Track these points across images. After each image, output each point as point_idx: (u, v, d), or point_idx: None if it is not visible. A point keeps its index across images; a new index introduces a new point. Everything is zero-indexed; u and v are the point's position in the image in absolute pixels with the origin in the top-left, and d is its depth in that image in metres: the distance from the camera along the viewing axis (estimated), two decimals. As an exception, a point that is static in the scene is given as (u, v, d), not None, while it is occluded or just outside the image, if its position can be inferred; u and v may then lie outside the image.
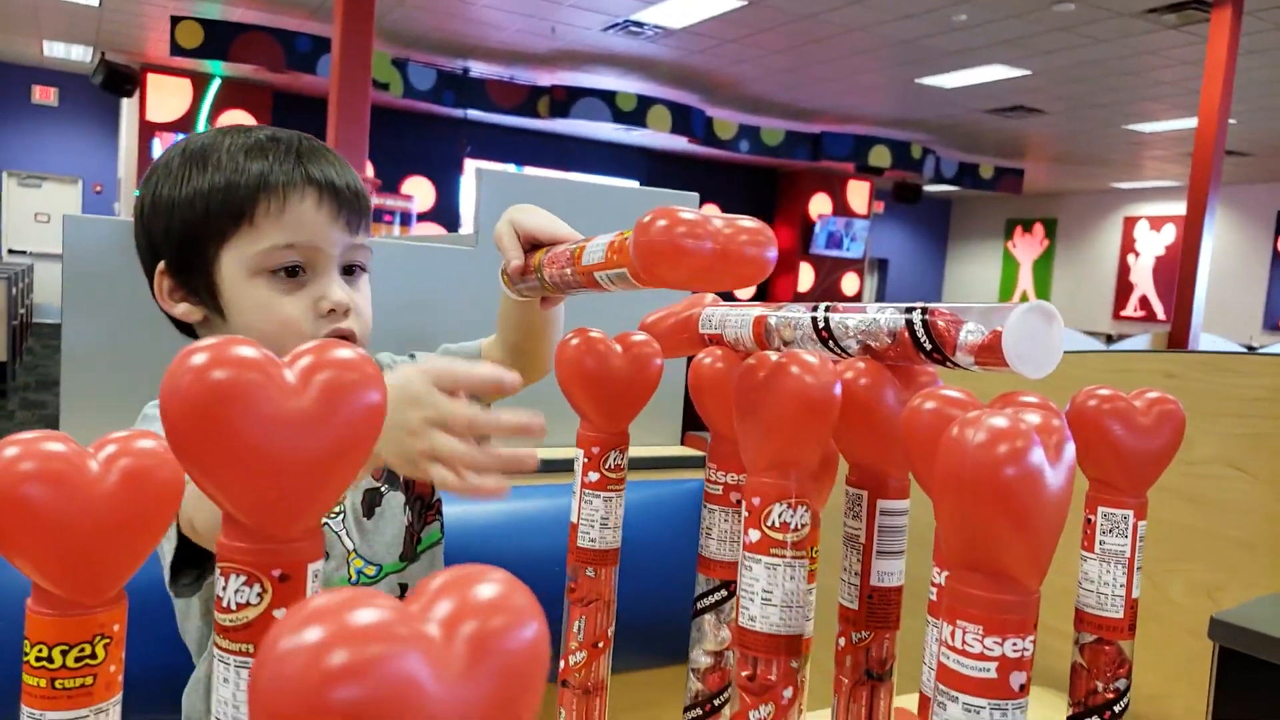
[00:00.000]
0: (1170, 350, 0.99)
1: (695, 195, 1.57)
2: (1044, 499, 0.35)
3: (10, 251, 10.44)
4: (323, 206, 0.78)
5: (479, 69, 8.96)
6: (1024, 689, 0.36)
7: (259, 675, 0.21)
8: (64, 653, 0.37)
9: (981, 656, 0.35)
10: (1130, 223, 12.54)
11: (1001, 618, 0.35)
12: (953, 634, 0.36)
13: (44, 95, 10.15)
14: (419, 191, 10.29)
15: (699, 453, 1.54)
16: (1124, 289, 12.58)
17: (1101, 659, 0.49)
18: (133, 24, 7.97)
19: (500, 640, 0.24)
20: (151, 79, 8.97)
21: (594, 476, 0.59)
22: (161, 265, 0.80)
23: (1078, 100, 8.33)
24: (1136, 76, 7.39)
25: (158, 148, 8.79)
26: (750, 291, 12.45)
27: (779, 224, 12.77)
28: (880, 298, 14.35)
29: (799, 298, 12.27)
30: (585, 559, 0.59)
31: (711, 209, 0.54)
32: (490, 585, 0.24)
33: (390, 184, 9.96)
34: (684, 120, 9.71)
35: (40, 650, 0.37)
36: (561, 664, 0.59)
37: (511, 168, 8.78)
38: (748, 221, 0.51)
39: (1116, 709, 0.48)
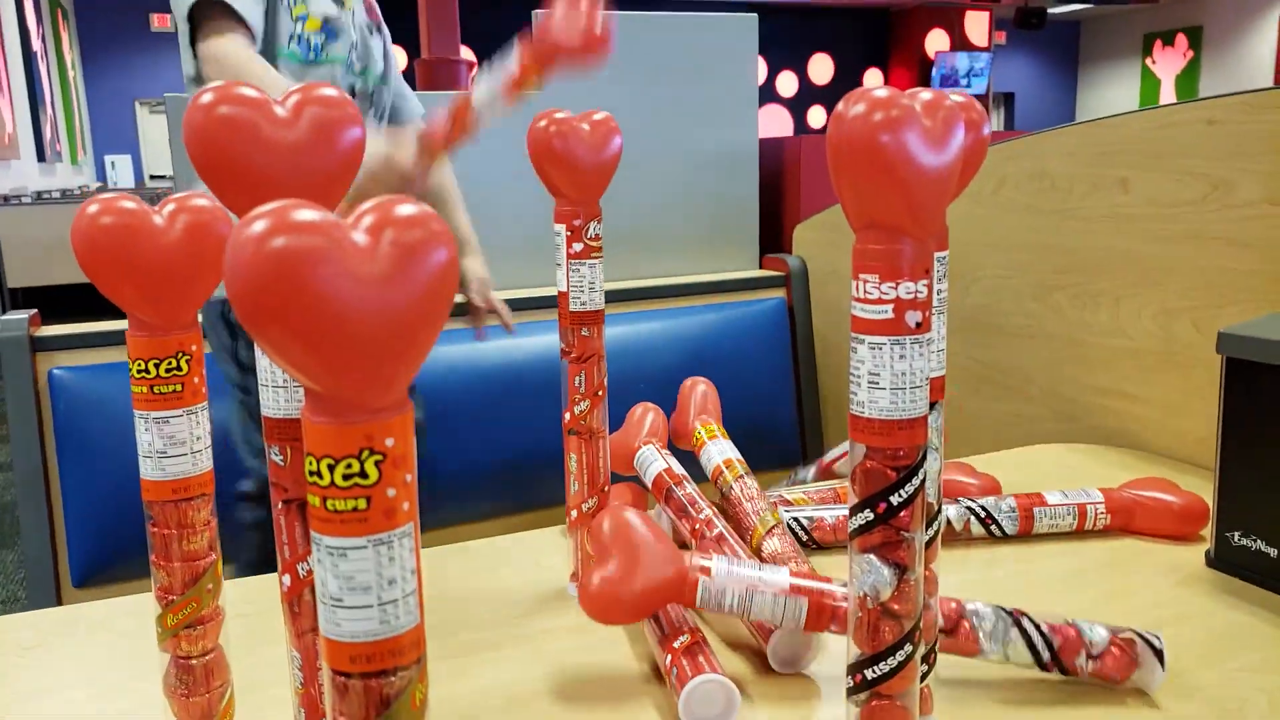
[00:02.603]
0: (1209, 97, 0.95)
1: (754, 16, 1.56)
2: (915, 164, 0.40)
3: (152, 177, 11.09)
4: None
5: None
6: (919, 326, 0.41)
7: (229, 256, 0.29)
8: (156, 365, 0.48)
9: (880, 301, 0.41)
10: (1290, 20, 11.30)
11: (895, 265, 0.41)
12: (857, 286, 0.42)
13: (162, 22, 10.57)
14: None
15: (777, 273, 1.59)
16: (1285, 96, 11.45)
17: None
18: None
19: (417, 252, 0.31)
20: (254, -8, 9.16)
21: (578, 247, 0.65)
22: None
23: (1221, -115, 7.46)
24: None
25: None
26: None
27: (895, 66, 12.16)
28: (1009, 130, 13.59)
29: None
30: (578, 321, 0.66)
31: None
32: (409, 206, 0.32)
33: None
34: (784, -33, 9.26)
35: (140, 364, 0.48)
36: (566, 415, 0.68)
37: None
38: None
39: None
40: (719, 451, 0.79)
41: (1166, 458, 0.96)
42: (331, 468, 0.31)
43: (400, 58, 1.18)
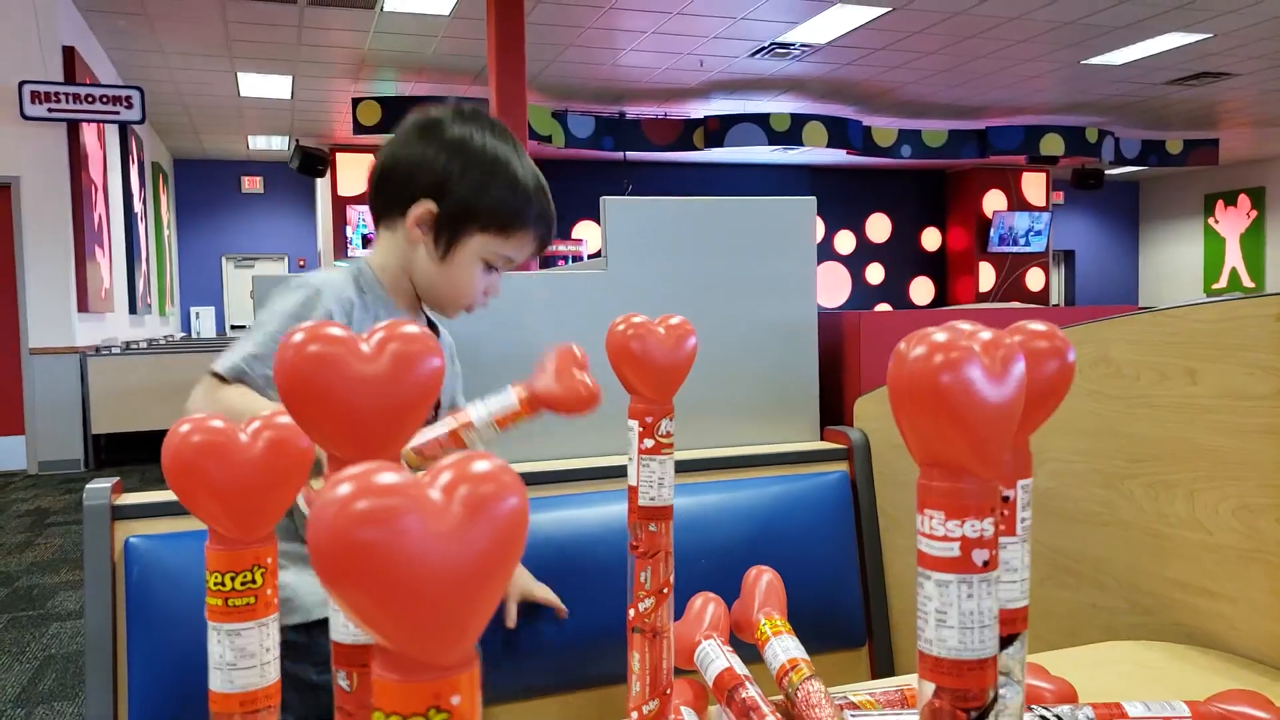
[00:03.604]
0: (1277, 293, 0.94)
1: (813, 199, 1.62)
2: (978, 403, 0.40)
3: (233, 327, 11.63)
4: (535, 249, 1.15)
5: (634, 110, 9.28)
6: (987, 565, 0.41)
7: (312, 517, 0.31)
8: (232, 578, 0.49)
9: (945, 538, 0.41)
10: (1354, 180, 11.29)
11: (959, 504, 0.41)
12: (922, 522, 0.42)
13: (251, 184, 11.35)
14: (589, 234, 10.69)
15: (838, 446, 1.58)
16: (1354, 254, 11.34)
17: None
18: (320, 110, 8.79)
19: (488, 503, 0.33)
20: (340, 158, 9.84)
21: (649, 443, 0.67)
22: (433, 206, 1.09)
23: (1273, 57, 7.66)
24: (1338, 20, 6.75)
25: (351, 219, 9.59)
26: (930, 294, 12.08)
27: (952, 225, 12.37)
28: (1069, 290, 13.58)
29: (980, 297, 11.82)
30: (647, 516, 0.67)
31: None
32: (484, 462, 0.33)
33: (561, 230, 10.42)
34: (841, 133, 9.64)
35: (216, 577, 0.49)
36: (631, 612, 0.67)
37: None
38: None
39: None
40: (784, 650, 0.78)
41: (1256, 662, 0.91)
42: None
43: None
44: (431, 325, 1.23)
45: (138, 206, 8.88)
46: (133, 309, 8.54)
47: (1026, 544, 0.51)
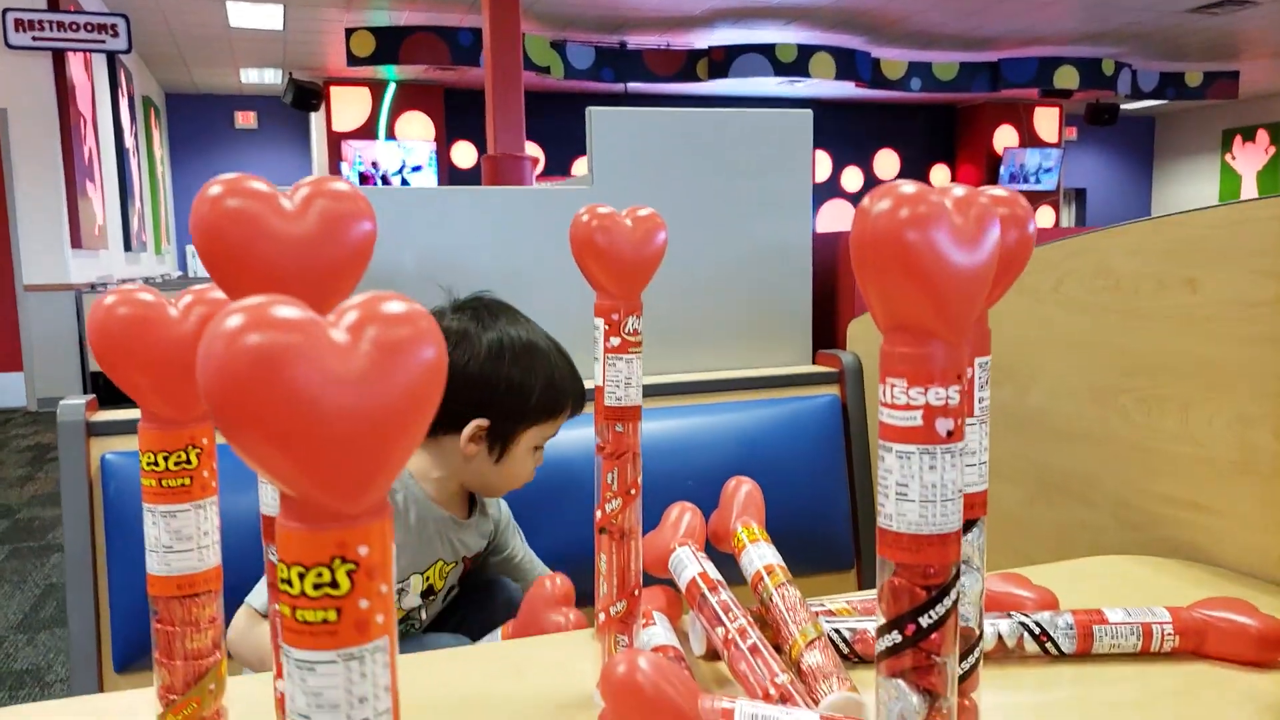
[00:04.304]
0: None
1: (809, 113, 1.57)
2: (946, 264, 0.38)
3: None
4: (577, 408, 1.17)
5: (635, 40, 9.08)
6: (951, 435, 0.38)
7: (201, 350, 0.28)
8: (165, 458, 0.47)
9: (908, 407, 0.38)
10: (1374, 117, 11.07)
11: (923, 370, 0.38)
12: (884, 391, 0.39)
13: (245, 120, 11.17)
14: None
15: (830, 369, 1.56)
16: (1370, 193, 11.14)
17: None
18: (313, 41, 8.61)
19: (400, 350, 0.30)
20: (334, 91, 9.67)
21: (615, 341, 0.64)
22: (485, 422, 1.10)
23: (1294, -16, 7.43)
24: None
25: (346, 155, 9.48)
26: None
27: (962, 162, 12.19)
28: (1080, 227, 13.41)
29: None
30: (613, 416, 0.65)
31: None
32: (397, 303, 0.31)
33: (561, 165, 10.28)
34: (849, 65, 9.43)
35: (149, 457, 0.47)
36: (598, 513, 0.65)
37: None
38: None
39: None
40: (760, 556, 0.76)
41: (1243, 575, 0.89)
42: (302, 576, 0.30)
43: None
44: (473, 501, 1.23)
45: (129, 142, 8.76)
46: (128, 246, 8.48)
47: (985, 425, 0.48)
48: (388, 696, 0.31)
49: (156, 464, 0.47)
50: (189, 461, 0.48)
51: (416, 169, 9.74)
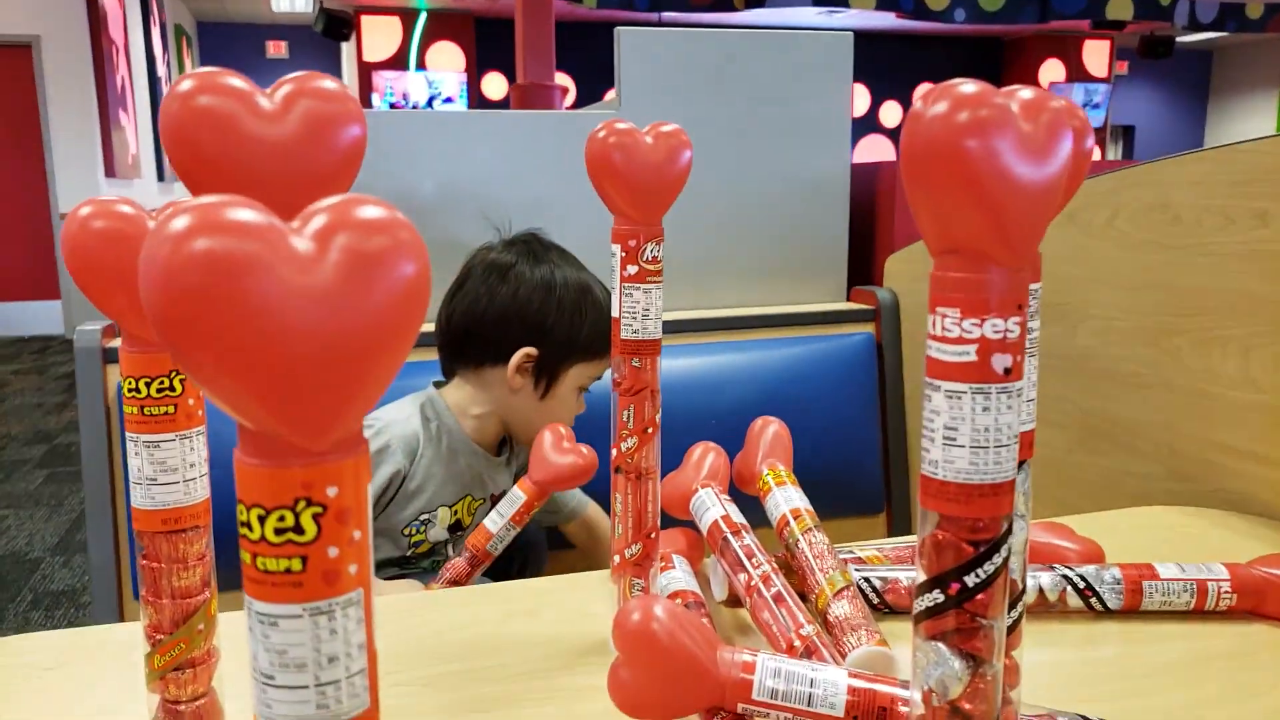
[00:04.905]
0: None
1: (849, 35, 1.49)
2: (1011, 176, 0.33)
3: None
4: None
5: (672, -31, 8.81)
6: (1009, 373, 0.34)
7: (142, 254, 0.24)
8: (147, 384, 0.44)
9: (960, 340, 0.34)
10: None
11: (980, 298, 0.33)
12: (934, 322, 0.35)
13: (276, 49, 11.04)
14: (623, 103, 10.36)
15: (866, 306, 1.50)
16: None
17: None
18: (347, -32, 8.43)
19: (375, 265, 0.26)
20: (365, 21, 9.52)
21: (633, 270, 0.59)
22: (534, 351, 1.09)
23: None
24: None
25: (378, 86, 9.38)
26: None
27: (1004, 99, 11.78)
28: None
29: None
30: (630, 350, 0.60)
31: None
32: (375, 209, 0.26)
33: (593, 97, 10.09)
34: (891, -5, 9.10)
35: (130, 383, 0.44)
36: (614, 451, 0.62)
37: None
38: None
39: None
40: (786, 500, 0.72)
41: (1304, 529, 0.84)
42: (262, 519, 0.26)
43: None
44: (502, 444, 1.20)
45: (161, 70, 8.71)
46: (160, 176, 8.49)
47: (1035, 359, 0.44)
48: (362, 656, 0.28)
49: (138, 390, 0.44)
50: (172, 388, 0.44)
51: (448, 100, 9.62)
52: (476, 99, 9.86)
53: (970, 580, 0.36)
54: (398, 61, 9.54)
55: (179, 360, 0.25)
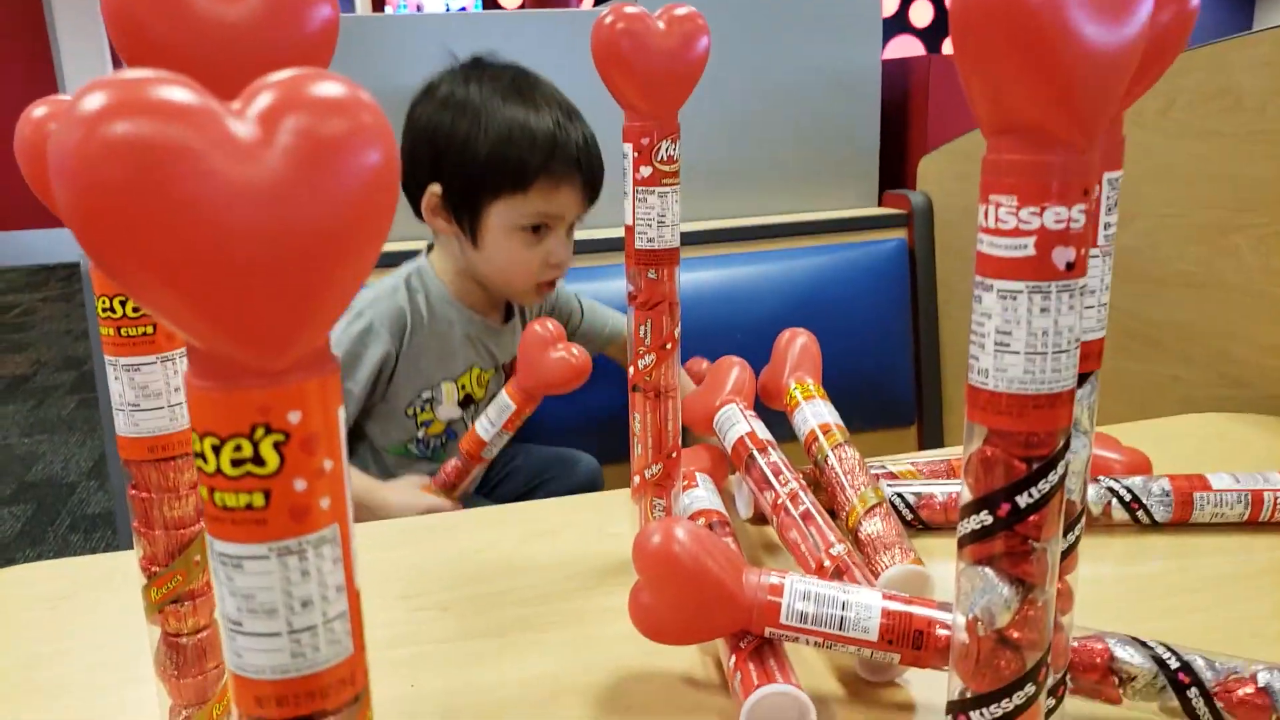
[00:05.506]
0: None
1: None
2: (1079, 38, 0.28)
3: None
4: (583, 189, 0.95)
5: None
6: (1072, 269, 0.30)
7: (51, 140, 0.20)
8: (122, 303, 0.40)
9: (1017, 232, 0.30)
10: None
11: (1041, 183, 0.29)
12: (986, 214, 0.30)
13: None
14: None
15: (898, 211, 1.44)
16: None
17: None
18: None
19: (331, 153, 0.22)
20: (381, -71, 9.23)
21: (647, 171, 0.55)
22: (437, 189, 0.96)
23: None
24: None
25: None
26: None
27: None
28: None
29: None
30: (646, 260, 0.56)
31: None
32: (332, 85, 0.22)
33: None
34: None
35: (104, 302, 0.40)
36: (630, 369, 0.58)
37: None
38: None
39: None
40: (815, 414, 0.69)
41: (1364, 435, 0.80)
42: (216, 449, 0.23)
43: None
44: (511, 310, 1.10)
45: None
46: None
47: (1109, 259, 0.39)
48: (341, 599, 0.25)
49: (113, 310, 0.41)
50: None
51: (462, 9, 9.39)
52: (492, 7, 9.61)
53: (1022, 501, 0.32)
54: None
55: (101, 268, 0.21)
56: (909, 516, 0.66)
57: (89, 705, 0.52)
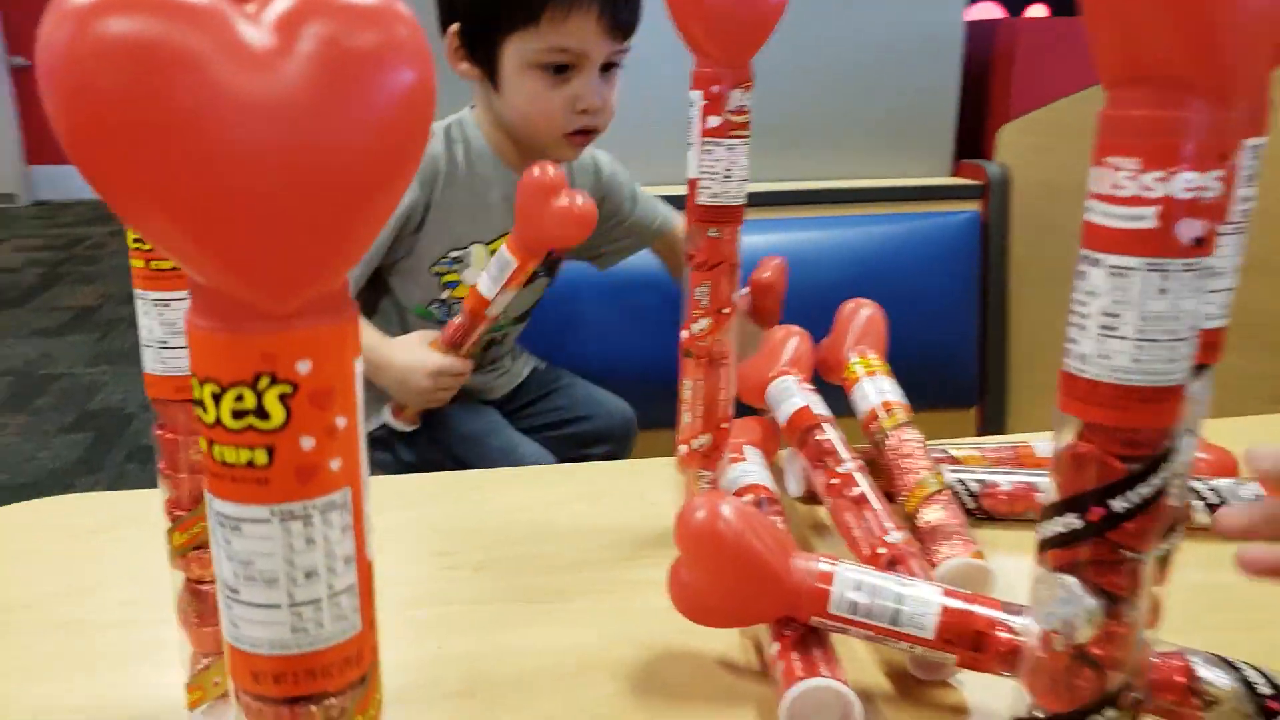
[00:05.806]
0: None
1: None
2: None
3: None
4: (603, 20, 0.88)
5: None
6: (1201, 245, 0.26)
7: (39, 40, 0.18)
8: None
9: (1137, 200, 0.26)
10: None
11: (1170, 143, 0.25)
12: (1100, 178, 0.26)
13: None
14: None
15: (974, 182, 1.38)
16: None
17: None
18: None
19: (356, 68, 0.19)
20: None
21: (715, 121, 0.51)
22: (455, 28, 0.92)
23: None
24: None
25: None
26: None
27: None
28: None
29: None
30: (708, 218, 0.52)
31: None
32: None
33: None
34: None
35: (134, 233, 0.38)
36: (684, 333, 0.55)
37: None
38: None
39: None
40: (877, 391, 0.65)
41: None
42: (217, 398, 0.20)
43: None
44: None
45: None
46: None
47: (1242, 238, 0.35)
48: (350, 571, 0.22)
49: (142, 241, 0.39)
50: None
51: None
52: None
53: (1118, 505, 0.29)
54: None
55: (92, 185, 0.19)
56: (971, 505, 0.62)
57: (123, 641, 0.51)
